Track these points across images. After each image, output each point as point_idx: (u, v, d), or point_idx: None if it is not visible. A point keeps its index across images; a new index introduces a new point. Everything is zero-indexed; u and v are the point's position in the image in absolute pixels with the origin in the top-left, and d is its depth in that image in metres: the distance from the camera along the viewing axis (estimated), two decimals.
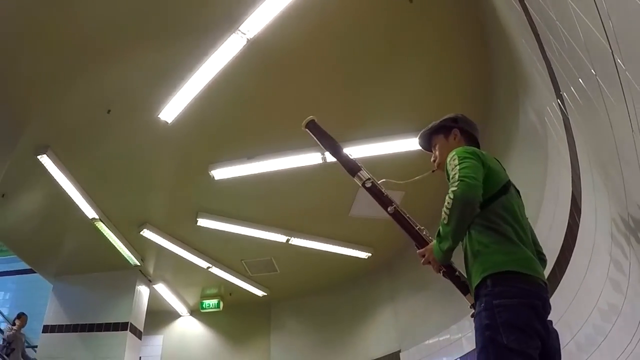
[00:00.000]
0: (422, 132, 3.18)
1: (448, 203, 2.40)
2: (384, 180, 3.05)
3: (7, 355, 8.80)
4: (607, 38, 1.62)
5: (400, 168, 3.14)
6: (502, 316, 2.21)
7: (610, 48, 1.63)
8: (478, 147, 3.02)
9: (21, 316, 9.63)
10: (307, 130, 3.23)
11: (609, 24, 1.56)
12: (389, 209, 2.88)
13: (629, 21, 1.40)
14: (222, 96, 6.26)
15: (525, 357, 2.15)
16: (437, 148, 3.06)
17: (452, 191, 2.40)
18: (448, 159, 2.67)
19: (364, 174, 2.99)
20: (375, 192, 2.96)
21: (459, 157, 2.58)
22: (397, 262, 9.94)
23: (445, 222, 2.42)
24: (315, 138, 3.22)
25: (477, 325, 2.31)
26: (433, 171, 3.07)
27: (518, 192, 2.83)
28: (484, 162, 2.61)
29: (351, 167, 3.06)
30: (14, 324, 9.50)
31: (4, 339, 9.27)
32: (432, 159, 3.08)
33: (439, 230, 2.50)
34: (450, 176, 2.52)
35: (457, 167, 2.50)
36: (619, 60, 1.60)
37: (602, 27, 1.64)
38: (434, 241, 2.59)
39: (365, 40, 5.78)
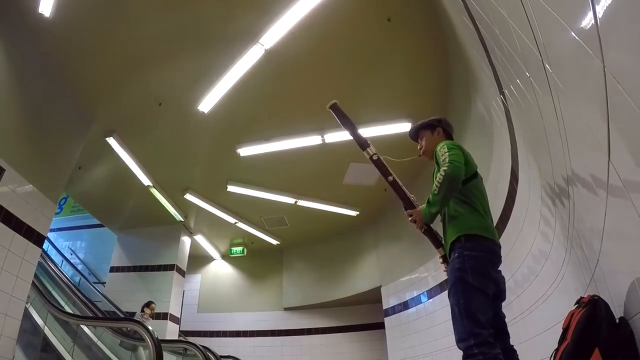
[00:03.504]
0: (413, 126, 3.16)
1: (440, 178, 2.47)
2: (384, 157, 3.03)
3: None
4: (538, 49, 1.65)
5: (383, 147, 3.16)
6: (470, 262, 2.39)
7: (541, 56, 1.66)
8: None
9: (150, 304, 8.62)
10: (330, 110, 3.11)
11: (539, 38, 1.59)
12: (388, 178, 2.92)
13: (554, 36, 1.41)
14: (246, 93, 6.25)
15: (484, 293, 2.35)
16: (423, 139, 3.07)
17: (444, 170, 2.47)
18: (438, 148, 2.72)
19: (372, 149, 2.98)
20: (379, 164, 2.96)
21: (447, 147, 2.65)
22: (379, 219, 9.91)
23: (436, 192, 2.49)
24: (336, 117, 3.11)
25: (450, 268, 2.47)
26: (419, 155, 3.10)
27: (481, 178, 2.90)
28: (464, 153, 2.69)
29: (362, 142, 3.03)
30: (142, 311, 8.51)
31: None
32: (418, 147, 3.10)
33: (429, 198, 2.56)
34: (441, 160, 2.57)
35: (447, 154, 2.57)
36: (547, 65, 1.63)
37: (534, 41, 1.66)
38: (424, 206, 2.64)
39: (356, 50, 5.75)
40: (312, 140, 7.18)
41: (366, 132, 6.63)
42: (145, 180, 8.45)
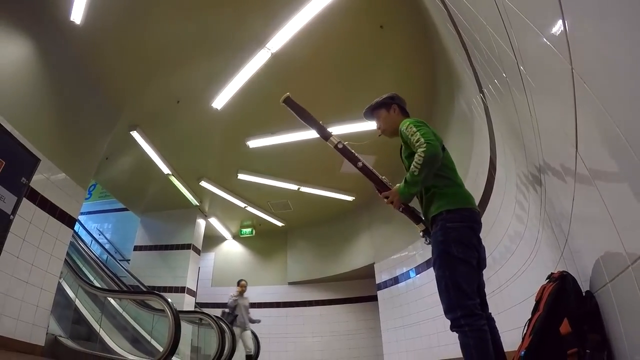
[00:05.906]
0: (367, 107, 2.91)
1: (419, 159, 2.23)
2: (347, 142, 2.78)
3: (231, 322, 7.03)
4: (514, 52, 1.64)
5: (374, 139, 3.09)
6: (452, 234, 2.20)
7: (516, 59, 1.65)
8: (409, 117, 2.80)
9: (240, 282, 7.97)
10: (284, 104, 2.85)
11: (515, 43, 1.58)
12: (358, 164, 2.71)
13: (528, 41, 1.41)
14: (254, 92, 6.23)
15: (467, 264, 2.17)
16: (380, 119, 2.83)
17: (423, 151, 2.23)
18: (403, 128, 2.47)
19: (335, 138, 2.76)
20: (345, 152, 2.74)
21: (415, 125, 2.41)
22: (373, 203, 9.87)
23: (416, 173, 2.25)
24: (292, 111, 2.87)
25: (434, 241, 2.28)
26: (379, 135, 2.86)
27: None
28: (430, 128, 2.44)
29: (324, 133, 2.82)
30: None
31: (228, 306, 7.54)
32: (377, 127, 2.87)
33: (406, 178, 2.33)
34: (414, 140, 2.33)
35: (418, 133, 2.33)
36: (522, 67, 1.62)
37: (510, 45, 1.65)
38: (400, 186, 2.40)
39: (352, 54, 5.73)
40: (313, 133, 7.07)
41: (361, 127, 6.65)
42: (165, 169, 8.47)
